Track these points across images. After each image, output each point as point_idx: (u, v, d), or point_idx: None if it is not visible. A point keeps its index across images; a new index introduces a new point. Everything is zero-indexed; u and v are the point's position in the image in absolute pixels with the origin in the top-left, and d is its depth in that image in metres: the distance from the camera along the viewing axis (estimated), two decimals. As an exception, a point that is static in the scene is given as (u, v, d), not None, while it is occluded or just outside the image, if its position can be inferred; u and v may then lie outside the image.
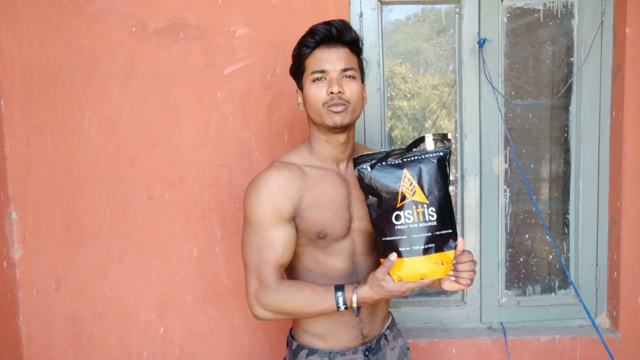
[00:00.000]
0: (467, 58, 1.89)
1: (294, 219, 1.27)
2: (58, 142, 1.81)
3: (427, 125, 2.01)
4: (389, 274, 1.16)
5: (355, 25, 1.85)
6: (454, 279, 1.23)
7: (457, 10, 1.90)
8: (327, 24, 1.25)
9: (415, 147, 1.20)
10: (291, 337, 1.41)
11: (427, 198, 1.16)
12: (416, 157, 1.19)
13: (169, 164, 1.83)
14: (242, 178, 1.83)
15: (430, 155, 1.18)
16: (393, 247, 1.16)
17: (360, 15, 1.85)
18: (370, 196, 1.20)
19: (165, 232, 1.85)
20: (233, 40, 1.79)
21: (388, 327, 1.43)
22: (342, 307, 1.21)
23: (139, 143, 1.82)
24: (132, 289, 1.87)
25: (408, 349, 1.49)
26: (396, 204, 1.16)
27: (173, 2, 1.78)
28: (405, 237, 1.15)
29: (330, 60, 1.24)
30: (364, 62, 1.34)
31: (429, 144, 1.20)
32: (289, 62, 1.79)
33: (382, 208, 1.18)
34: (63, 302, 1.86)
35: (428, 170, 1.17)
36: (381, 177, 1.18)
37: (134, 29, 1.78)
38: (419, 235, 1.15)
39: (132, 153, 1.82)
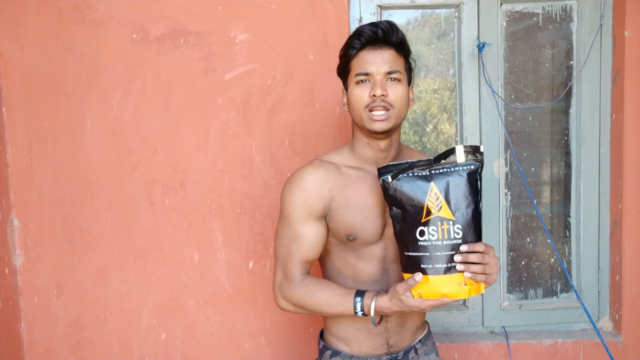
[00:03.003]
0: (467, 62, 1.89)
1: (324, 217, 1.27)
2: (59, 148, 1.82)
3: (428, 129, 2.01)
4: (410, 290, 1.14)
5: (353, 30, 1.85)
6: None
7: (456, 14, 1.91)
8: (373, 25, 1.23)
9: (445, 159, 1.14)
10: (320, 337, 1.42)
11: (453, 215, 1.10)
12: (445, 170, 1.12)
13: (170, 169, 1.83)
14: (243, 183, 1.84)
15: (460, 168, 1.12)
16: (415, 263, 1.12)
17: (360, 20, 1.86)
18: (394, 207, 1.15)
19: (167, 238, 1.85)
20: (233, 46, 1.80)
21: (420, 340, 1.39)
22: (360, 313, 1.20)
23: (140, 149, 1.82)
24: (134, 295, 1.86)
25: None
26: (421, 219, 1.11)
27: (173, 8, 1.79)
28: (428, 254, 1.10)
29: (375, 62, 1.22)
30: (412, 62, 1.32)
31: (460, 156, 1.13)
32: (289, 67, 1.81)
33: (407, 221, 1.13)
34: (64, 308, 1.86)
35: (456, 185, 1.11)
36: (406, 189, 1.13)
37: (134, 35, 1.79)
38: (442, 253, 1.10)
39: (133, 159, 1.82)
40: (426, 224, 1.11)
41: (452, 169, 1.13)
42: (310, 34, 1.79)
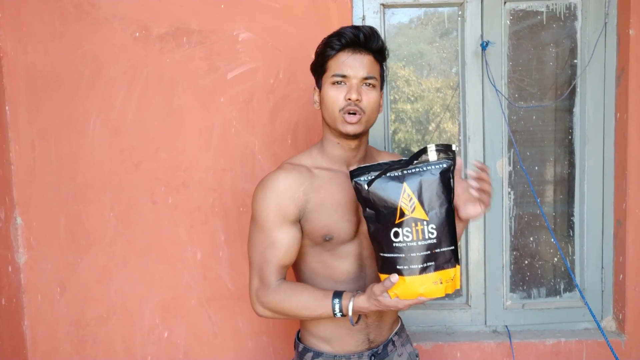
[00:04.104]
0: (470, 61, 1.88)
1: (299, 221, 1.27)
2: (62, 146, 1.82)
3: (430, 128, 2.00)
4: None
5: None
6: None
7: (459, 12, 1.90)
8: (355, 28, 1.24)
9: (417, 159, 1.14)
10: (298, 339, 1.41)
11: (427, 214, 1.10)
12: (417, 170, 1.12)
13: (172, 168, 1.83)
14: (245, 182, 1.84)
15: (432, 167, 1.12)
16: (391, 264, 1.12)
17: (363, 19, 1.85)
18: (367, 209, 1.15)
19: (169, 236, 1.85)
20: (236, 44, 1.80)
21: (396, 333, 1.42)
22: (339, 314, 1.20)
23: (143, 147, 1.82)
24: (136, 293, 1.87)
25: (417, 356, 1.47)
26: (395, 220, 1.10)
27: (176, 7, 1.79)
28: (404, 255, 1.10)
29: (353, 66, 1.23)
30: (386, 69, 1.33)
31: (432, 155, 1.13)
32: (292, 66, 1.81)
33: (381, 222, 1.13)
34: (67, 306, 1.87)
35: (429, 185, 1.11)
36: (379, 191, 1.12)
37: (137, 34, 1.79)
38: (418, 254, 1.09)
39: (136, 157, 1.83)
40: (400, 225, 1.10)
41: (425, 169, 1.12)
42: (313, 33, 1.78)
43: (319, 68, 1.30)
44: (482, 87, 1.89)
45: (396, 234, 1.11)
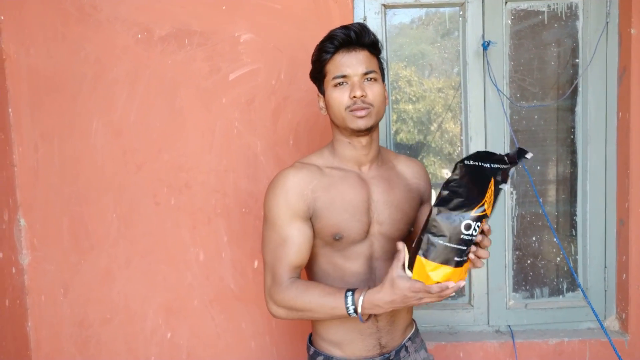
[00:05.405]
0: (472, 60, 1.88)
1: (310, 218, 1.27)
2: (65, 148, 1.83)
3: (432, 128, 2.00)
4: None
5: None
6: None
7: (461, 13, 1.90)
8: (345, 28, 1.25)
9: (511, 159, 1.12)
10: (310, 342, 1.41)
11: (490, 213, 1.09)
12: (498, 169, 1.10)
13: (175, 169, 1.83)
14: (248, 183, 1.84)
15: (510, 171, 1.11)
16: (449, 254, 1.08)
17: (364, 19, 1.86)
18: (447, 192, 1.09)
19: (172, 237, 1.85)
20: (237, 45, 1.80)
21: (410, 338, 1.40)
22: (351, 308, 1.17)
23: (145, 149, 1.83)
24: (139, 294, 1.87)
25: None
26: (471, 212, 1.07)
27: (178, 9, 1.79)
28: (466, 248, 1.07)
29: (351, 64, 1.24)
30: (382, 62, 1.34)
31: (518, 160, 1.10)
32: (293, 67, 1.81)
33: (453, 209, 1.08)
34: (71, 307, 1.88)
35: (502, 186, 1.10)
36: (473, 178, 1.09)
37: (139, 36, 1.80)
38: (470, 247, 1.08)
39: (138, 159, 1.83)
40: (477, 218, 1.07)
41: (499, 170, 1.11)
42: (314, 34, 1.77)
43: (318, 74, 1.31)
44: (484, 87, 1.89)
45: (468, 226, 1.07)
